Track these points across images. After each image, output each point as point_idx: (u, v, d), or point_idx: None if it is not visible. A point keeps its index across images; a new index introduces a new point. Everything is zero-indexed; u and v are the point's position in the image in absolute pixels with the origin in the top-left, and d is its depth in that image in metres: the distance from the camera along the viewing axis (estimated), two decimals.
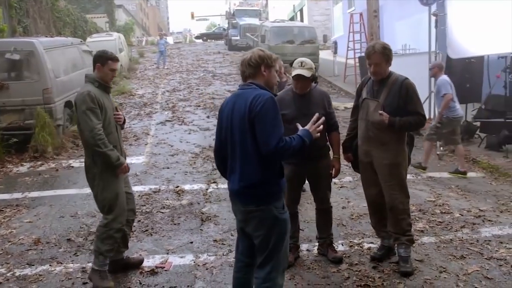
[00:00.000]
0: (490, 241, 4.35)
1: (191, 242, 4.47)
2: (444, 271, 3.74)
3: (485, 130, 8.42)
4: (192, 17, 52.00)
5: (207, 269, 3.92)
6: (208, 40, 39.31)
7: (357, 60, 15.18)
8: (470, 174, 6.85)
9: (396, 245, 3.86)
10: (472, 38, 7.97)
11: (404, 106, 3.68)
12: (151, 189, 6.18)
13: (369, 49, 3.69)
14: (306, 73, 3.71)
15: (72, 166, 7.38)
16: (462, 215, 5.07)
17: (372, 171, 3.87)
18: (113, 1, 33.31)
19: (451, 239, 4.40)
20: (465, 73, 8.63)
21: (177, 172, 7.00)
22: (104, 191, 3.58)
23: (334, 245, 4.12)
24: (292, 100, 3.84)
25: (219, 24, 52.34)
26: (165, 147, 8.49)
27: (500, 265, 3.84)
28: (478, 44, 7.96)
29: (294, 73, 3.75)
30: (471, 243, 4.32)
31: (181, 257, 4.15)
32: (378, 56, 3.64)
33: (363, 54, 14.65)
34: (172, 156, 7.94)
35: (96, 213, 5.26)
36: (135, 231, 4.74)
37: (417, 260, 3.92)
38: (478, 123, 8.65)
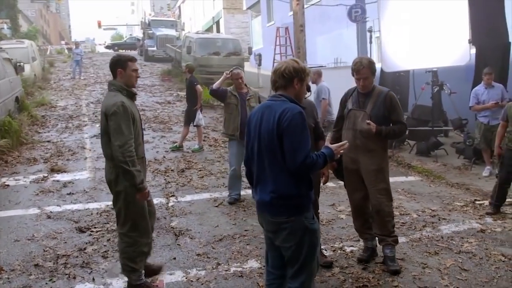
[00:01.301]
0: (452, 237, 4.78)
1: (174, 258, 4.30)
2: (426, 267, 4.05)
3: (413, 138, 9.20)
4: (99, 26, 49.74)
5: (202, 284, 3.80)
6: (120, 51, 37.91)
7: None
8: (410, 178, 7.46)
9: (382, 246, 4.09)
10: (402, 54, 8.71)
11: (388, 115, 3.95)
12: (108, 205, 5.82)
13: (357, 64, 3.89)
14: None
15: (8, 185, 6.69)
16: (419, 215, 5.50)
17: (358, 177, 4.07)
18: (16, 5, 30.73)
19: (419, 238, 4.77)
20: (395, 85, 9.40)
21: None
22: (130, 207, 3.34)
23: (322, 251, 4.25)
24: None
25: (130, 34, 50.69)
26: None
27: (470, 258, 4.24)
28: (407, 59, 8.71)
29: None
30: (438, 240, 4.71)
31: (171, 274, 3.98)
32: (367, 70, 3.87)
33: None
34: None
35: (57, 235, 4.86)
36: (108, 251, 4.46)
37: (399, 259, 4.18)
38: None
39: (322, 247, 4.49)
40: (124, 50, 37.02)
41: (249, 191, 6.37)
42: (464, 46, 8.03)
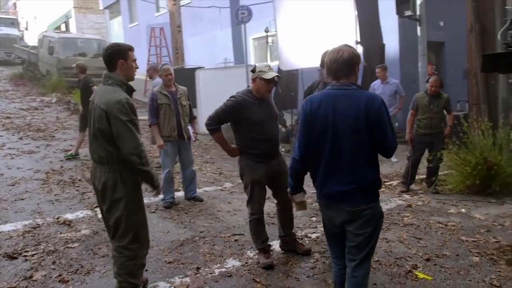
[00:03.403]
0: (390, 213, 5.31)
1: (146, 270, 3.88)
2: (389, 241, 4.43)
3: None
4: None
5: None
6: None
7: None
8: None
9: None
10: (297, 53, 9.26)
11: None
12: (25, 225, 4.98)
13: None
14: (276, 76, 3.84)
15: None
16: None
17: None
18: None
19: None
20: (290, 83, 9.94)
21: (38, 202, 5.80)
22: (132, 215, 2.91)
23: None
24: (257, 104, 3.86)
25: None
26: None
27: (416, 228, 4.78)
28: (302, 57, 9.29)
29: (268, 76, 3.79)
30: None
31: (155, 286, 3.62)
32: None
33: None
34: (13, 185, 6.49)
35: (17, 255, 4.06)
36: (62, 274, 3.84)
37: None
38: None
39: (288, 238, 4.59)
40: None
41: (181, 193, 6.12)
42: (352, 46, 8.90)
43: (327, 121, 2.54)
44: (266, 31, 9.57)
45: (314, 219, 5.20)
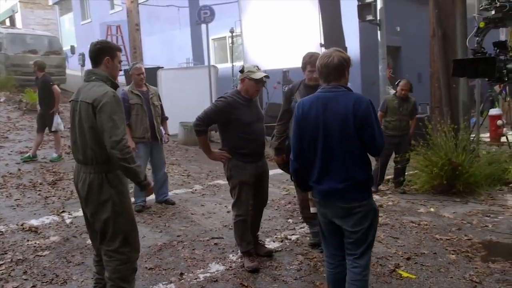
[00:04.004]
0: None
1: None
2: None
3: (268, 133, 9.88)
4: None
5: None
6: None
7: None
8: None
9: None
10: (262, 53, 9.29)
11: None
12: None
13: (313, 58, 3.99)
14: (264, 76, 3.82)
15: None
16: None
17: None
18: None
19: None
20: None
21: None
22: (121, 217, 2.76)
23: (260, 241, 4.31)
24: (246, 104, 3.85)
25: None
26: None
27: (392, 228, 4.90)
28: (267, 58, 9.34)
29: (257, 76, 3.77)
30: None
31: None
32: None
33: (127, 67, 14.50)
34: None
35: None
36: (36, 285, 3.61)
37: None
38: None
39: (267, 239, 4.57)
40: None
41: (152, 196, 5.93)
42: (316, 48, 9.03)
43: (318, 122, 2.66)
44: (232, 31, 9.51)
45: (290, 221, 5.21)
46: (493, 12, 4.87)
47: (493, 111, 9.14)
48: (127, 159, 2.69)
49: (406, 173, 6.65)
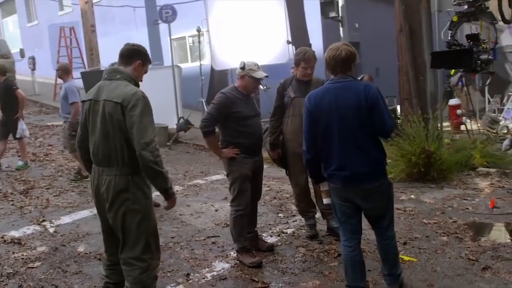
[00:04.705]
0: None
1: None
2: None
3: None
4: None
5: None
6: None
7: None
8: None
9: (328, 219, 4.46)
10: (230, 52, 9.27)
11: None
12: None
13: (307, 54, 4.16)
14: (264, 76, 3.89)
15: None
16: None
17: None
18: None
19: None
20: (223, 83, 9.91)
21: None
22: (145, 221, 2.66)
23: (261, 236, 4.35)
24: (243, 100, 3.92)
25: None
26: None
27: None
28: (235, 57, 9.32)
29: (258, 76, 3.85)
30: None
31: None
32: (314, 60, 4.18)
33: (84, 70, 13.94)
34: None
35: None
36: None
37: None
38: None
39: (264, 235, 4.59)
40: None
41: None
42: (283, 45, 9.15)
43: (332, 111, 2.83)
44: (198, 30, 9.42)
45: (281, 215, 5.26)
46: (466, 7, 5.19)
47: (453, 101, 9.63)
48: (158, 162, 2.59)
49: None
